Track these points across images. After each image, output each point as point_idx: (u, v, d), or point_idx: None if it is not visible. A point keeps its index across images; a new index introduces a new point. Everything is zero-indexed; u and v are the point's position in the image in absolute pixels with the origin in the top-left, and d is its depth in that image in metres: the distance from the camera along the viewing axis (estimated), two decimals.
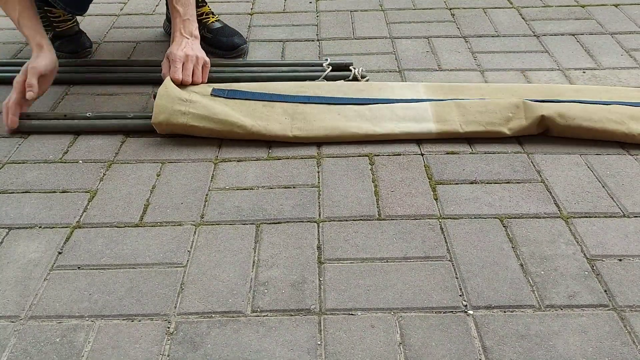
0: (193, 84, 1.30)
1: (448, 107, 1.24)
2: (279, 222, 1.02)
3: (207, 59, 1.33)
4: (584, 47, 1.58)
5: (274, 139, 1.22)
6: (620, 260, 0.93)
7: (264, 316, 0.85)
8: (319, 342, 0.81)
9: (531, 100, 1.23)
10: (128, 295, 0.89)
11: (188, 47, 1.31)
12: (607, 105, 1.22)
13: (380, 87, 1.34)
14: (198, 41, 1.34)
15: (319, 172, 1.14)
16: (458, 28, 1.71)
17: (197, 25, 1.35)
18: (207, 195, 1.09)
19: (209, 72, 1.34)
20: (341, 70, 1.43)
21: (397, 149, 1.20)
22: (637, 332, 0.82)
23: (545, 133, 1.22)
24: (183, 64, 1.29)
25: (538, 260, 0.93)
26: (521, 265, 0.93)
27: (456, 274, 0.91)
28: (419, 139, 1.22)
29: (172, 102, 1.21)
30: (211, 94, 1.28)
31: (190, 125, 1.20)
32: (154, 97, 1.24)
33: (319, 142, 1.22)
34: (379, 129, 1.22)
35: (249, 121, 1.21)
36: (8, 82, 1.34)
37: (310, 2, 1.90)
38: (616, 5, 1.82)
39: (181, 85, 1.28)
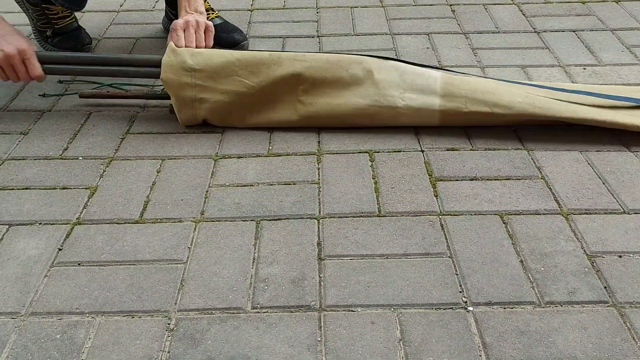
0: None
1: (457, 80, 1.21)
2: (279, 219, 1.02)
3: (210, 23, 1.29)
4: (585, 44, 1.58)
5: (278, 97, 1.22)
6: (620, 256, 0.93)
7: (264, 312, 0.85)
8: (319, 339, 0.81)
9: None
10: (128, 292, 0.89)
11: (189, 16, 1.28)
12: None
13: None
14: (204, 17, 1.31)
15: (319, 169, 1.14)
16: (458, 24, 1.70)
17: (202, 2, 1.32)
18: (207, 191, 1.09)
19: None
20: None
21: (398, 145, 1.20)
22: (637, 328, 0.82)
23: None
24: (184, 31, 1.26)
25: (538, 256, 0.94)
26: (521, 261, 0.93)
27: (456, 271, 0.91)
28: (418, 127, 1.21)
29: (178, 73, 1.21)
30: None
31: (198, 98, 1.21)
32: (170, 110, 1.27)
33: (321, 117, 1.22)
34: (382, 100, 1.19)
35: (254, 78, 1.21)
36: None
37: None
38: (617, 2, 1.81)
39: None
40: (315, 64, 1.22)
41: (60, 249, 0.97)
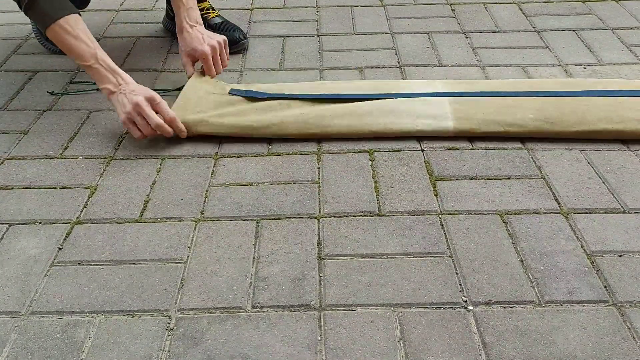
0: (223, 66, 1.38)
1: (467, 104, 1.23)
2: (279, 218, 1.02)
3: (224, 37, 1.38)
4: (585, 43, 1.58)
5: (288, 136, 1.21)
6: (620, 256, 0.93)
7: (264, 312, 0.85)
8: (319, 338, 0.81)
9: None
10: (128, 291, 0.89)
11: (205, 37, 1.34)
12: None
13: (398, 84, 1.34)
14: (203, 27, 1.38)
15: (319, 168, 1.14)
16: (458, 23, 1.70)
17: (199, 12, 1.39)
18: (207, 191, 1.09)
19: None
20: None
21: (397, 145, 1.20)
22: (637, 327, 0.82)
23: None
24: (212, 58, 1.34)
25: (538, 256, 0.94)
26: (521, 261, 0.93)
27: (456, 270, 0.91)
28: (420, 136, 1.22)
29: (187, 112, 1.24)
30: (229, 93, 1.31)
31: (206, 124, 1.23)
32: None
33: (335, 137, 1.22)
34: (396, 126, 1.21)
35: (264, 118, 1.22)
36: None
37: None
38: (617, 1, 1.81)
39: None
40: (326, 108, 1.25)
41: (60, 249, 0.97)
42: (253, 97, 1.29)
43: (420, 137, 1.21)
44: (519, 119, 1.20)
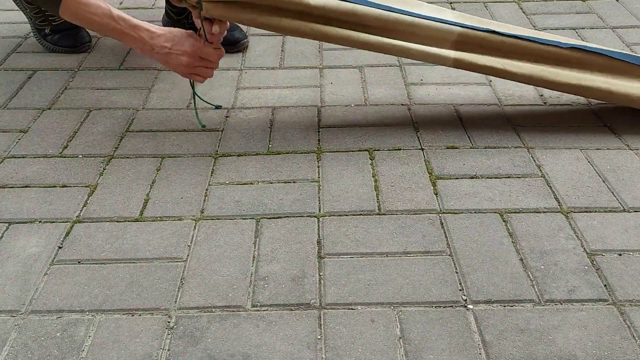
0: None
1: (473, 39, 1.21)
2: (279, 217, 1.02)
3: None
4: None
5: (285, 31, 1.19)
6: (620, 254, 0.93)
7: (264, 310, 0.85)
8: (319, 337, 0.81)
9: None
10: (128, 290, 0.89)
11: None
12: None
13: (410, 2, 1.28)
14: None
15: (319, 167, 1.14)
16: None
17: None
18: (207, 189, 1.09)
19: None
20: None
21: (398, 143, 1.20)
22: (637, 326, 0.82)
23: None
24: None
25: (538, 254, 0.94)
26: (521, 259, 0.93)
27: (456, 269, 0.91)
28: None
29: None
30: None
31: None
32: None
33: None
34: (397, 42, 1.19)
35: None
36: None
37: None
38: None
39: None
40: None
41: (60, 247, 0.97)
42: None
43: (419, 136, 1.21)
44: (517, 61, 1.21)
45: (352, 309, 0.85)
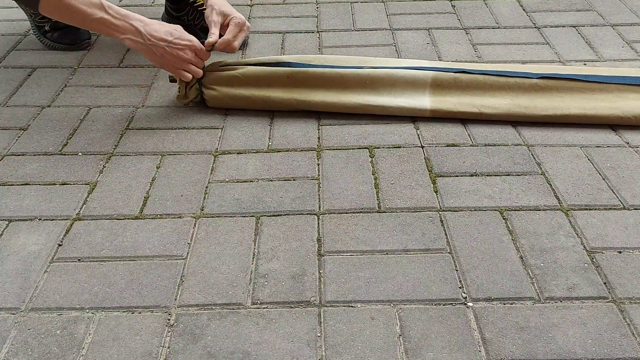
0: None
1: (447, 83, 1.26)
2: (279, 215, 1.02)
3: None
4: (585, 39, 1.57)
5: (275, 107, 1.27)
6: (620, 252, 0.93)
7: (264, 308, 0.85)
8: (319, 334, 0.81)
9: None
10: (128, 288, 0.89)
11: (237, 15, 1.26)
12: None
13: (383, 59, 1.37)
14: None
15: (319, 165, 1.14)
16: (458, 19, 1.70)
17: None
18: (207, 187, 1.09)
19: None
20: None
21: (398, 141, 1.20)
22: (637, 324, 0.82)
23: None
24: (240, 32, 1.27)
25: (538, 252, 0.94)
26: (521, 257, 0.93)
27: (456, 266, 0.91)
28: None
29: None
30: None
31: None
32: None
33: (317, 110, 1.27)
34: (375, 101, 1.25)
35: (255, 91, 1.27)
36: None
37: None
38: None
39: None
40: (312, 73, 1.28)
41: (60, 245, 0.97)
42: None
43: (419, 134, 1.21)
44: (492, 101, 1.24)
45: (352, 306, 0.85)
